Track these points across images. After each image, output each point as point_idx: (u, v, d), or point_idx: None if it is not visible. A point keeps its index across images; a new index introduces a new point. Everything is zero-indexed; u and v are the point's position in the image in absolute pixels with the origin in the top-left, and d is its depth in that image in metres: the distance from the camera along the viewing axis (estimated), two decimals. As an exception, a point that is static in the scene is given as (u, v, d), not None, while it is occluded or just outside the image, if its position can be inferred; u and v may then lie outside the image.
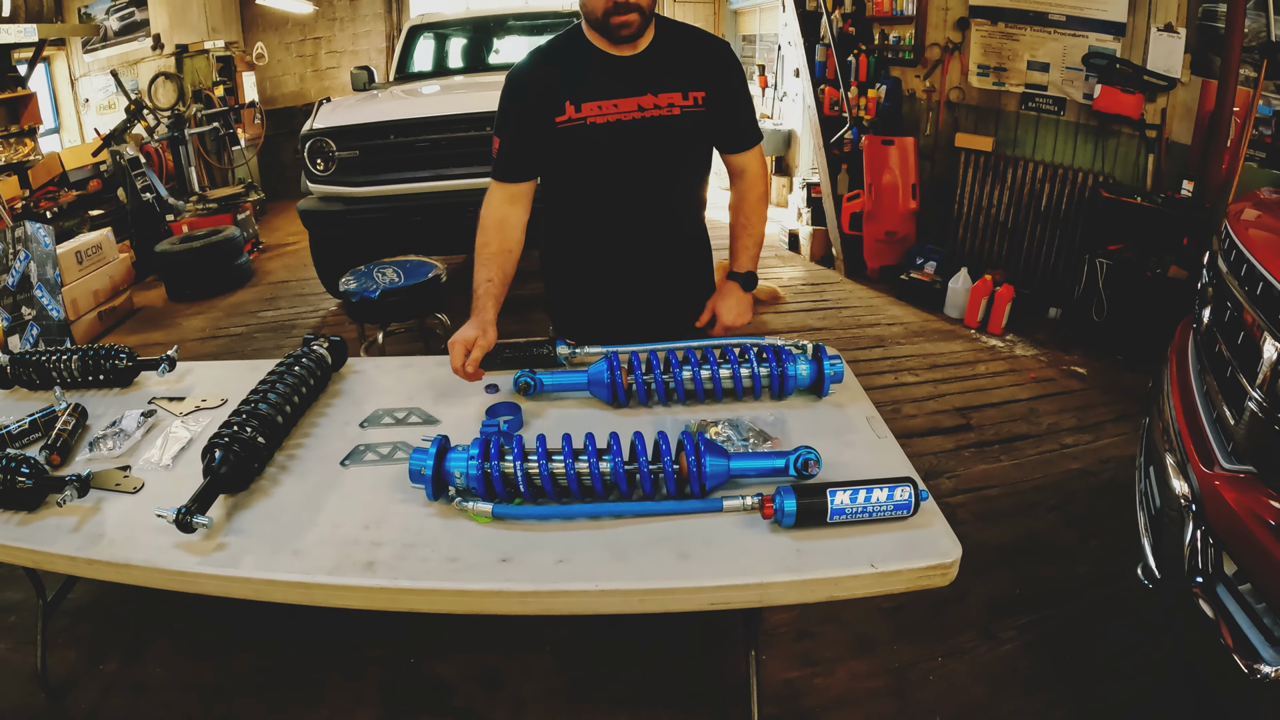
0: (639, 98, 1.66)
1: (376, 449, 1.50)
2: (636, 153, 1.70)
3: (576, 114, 1.65)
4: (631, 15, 1.56)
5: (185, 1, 7.73)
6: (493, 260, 1.70)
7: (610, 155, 1.70)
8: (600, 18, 1.57)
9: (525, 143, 1.70)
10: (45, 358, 1.86)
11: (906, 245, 5.23)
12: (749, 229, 1.89)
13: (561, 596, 1.13)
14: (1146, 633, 2.14)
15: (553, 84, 1.66)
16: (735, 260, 1.91)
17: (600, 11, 1.56)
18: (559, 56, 1.70)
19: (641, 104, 1.66)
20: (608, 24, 1.57)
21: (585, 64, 1.66)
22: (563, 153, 1.70)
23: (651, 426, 1.49)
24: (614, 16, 1.56)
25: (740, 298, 1.87)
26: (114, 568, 1.27)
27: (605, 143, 1.67)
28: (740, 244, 1.90)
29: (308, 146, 4.11)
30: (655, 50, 1.68)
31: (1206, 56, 3.83)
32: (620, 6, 1.54)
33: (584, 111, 1.64)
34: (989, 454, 3.10)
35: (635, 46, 1.66)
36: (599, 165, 1.72)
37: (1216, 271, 1.97)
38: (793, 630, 2.15)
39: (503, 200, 1.74)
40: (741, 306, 1.87)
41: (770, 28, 8.00)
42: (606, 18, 1.56)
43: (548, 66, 1.70)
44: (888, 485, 1.22)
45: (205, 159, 7.47)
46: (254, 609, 1.38)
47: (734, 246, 1.92)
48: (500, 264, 1.71)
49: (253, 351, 4.48)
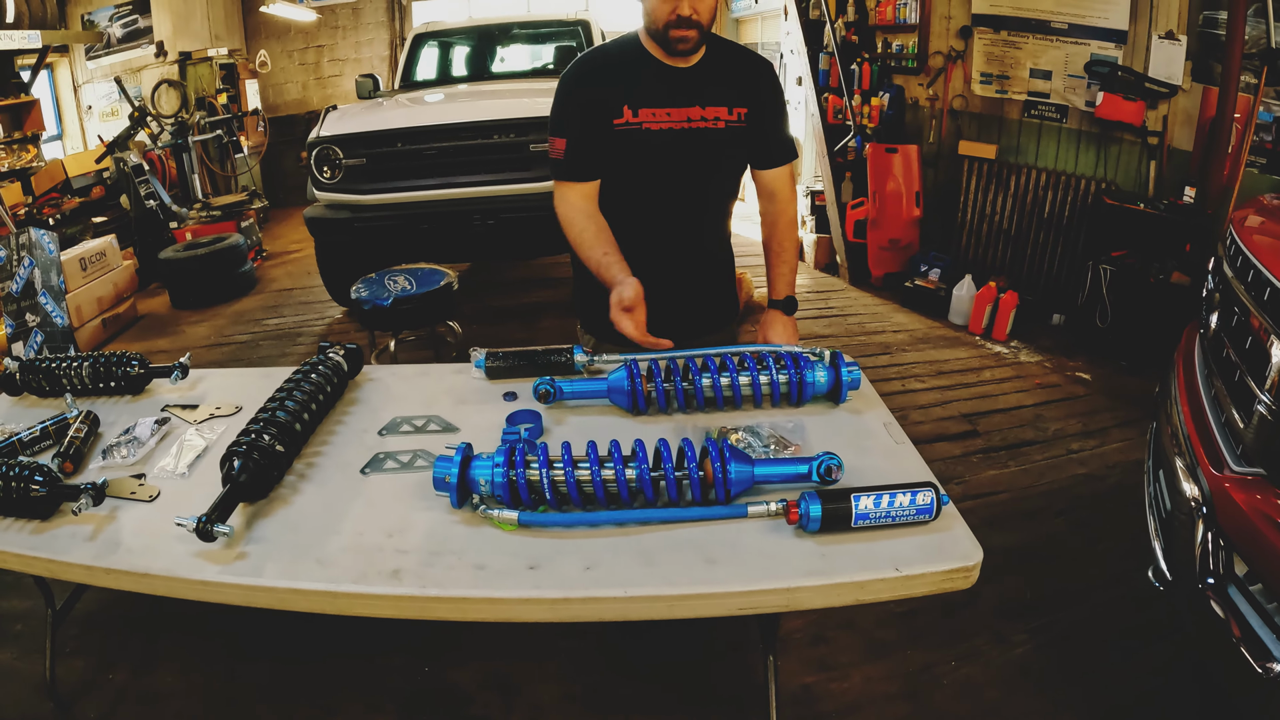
0: (689, 109, 1.72)
1: (397, 457, 1.50)
2: (682, 160, 1.75)
3: (634, 118, 1.70)
4: (691, 31, 1.62)
5: (189, 9, 7.75)
6: (601, 235, 1.74)
7: (659, 161, 1.75)
8: (661, 30, 1.63)
9: (589, 142, 1.74)
10: (55, 364, 1.84)
11: (910, 253, 5.25)
12: (783, 256, 1.94)
13: (592, 603, 1.13)
14: (1154, 634, 2.16)
15: (613, 88, 1.71)
16: (774, 288, 1.95)
17: (662, 24, 1.62)
18: (617, 62, 1.75)
19: (690, 115, 1.72)
20: (667, 36, 1.63)
21: (643, 71, 1.72)
22: (616, 155, 1.74)
23: (672, 433, 1.49)
24: (675, 30, 1.62)
25: (786, 323, 1.92)
26: (133, 577, 1.25)
27: (656, 148, 1.72)
28: (777, 271, 1.94)
29: (315, 154, 4.12)
30: (706, 65, 1.74)
31: (1207, 63, 3.86)
32: (683, 21, 1.60)
33: (640, 117, 1.70)
34: (996, 460, 3.11)
35: (689, 60, 1.72)
36: (647, 170, 1.76)
37: (1222, 277, 1.99)
38: (807, 636, 2.15)
39: (579, 198, 1.78)
40: (789, 332, 1.92)
41: (772, 36, 8.02)
42: (667, 30, 1.62)
43: (607, 70, 1.75)
44: (910, 490, 1.22)
45: (208, 166, 7.48)
46: (265, 618, 1.37)
47: (771, 275, 1.96)
48: (608, 239, 1.74)
49: (258, 359, 4.49)
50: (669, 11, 1.60)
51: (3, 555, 1.33)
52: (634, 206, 1.82)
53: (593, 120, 1.72)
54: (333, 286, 4.86)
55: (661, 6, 1.60)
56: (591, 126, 1.72)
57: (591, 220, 1.77)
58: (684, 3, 1.58)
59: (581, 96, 1.74)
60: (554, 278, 5.63)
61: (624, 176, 1.79)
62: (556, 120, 1.77)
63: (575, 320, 2.12)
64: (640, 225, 1.83)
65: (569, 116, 1.75)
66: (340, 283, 4.67)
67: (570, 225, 1.78)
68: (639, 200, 1.81)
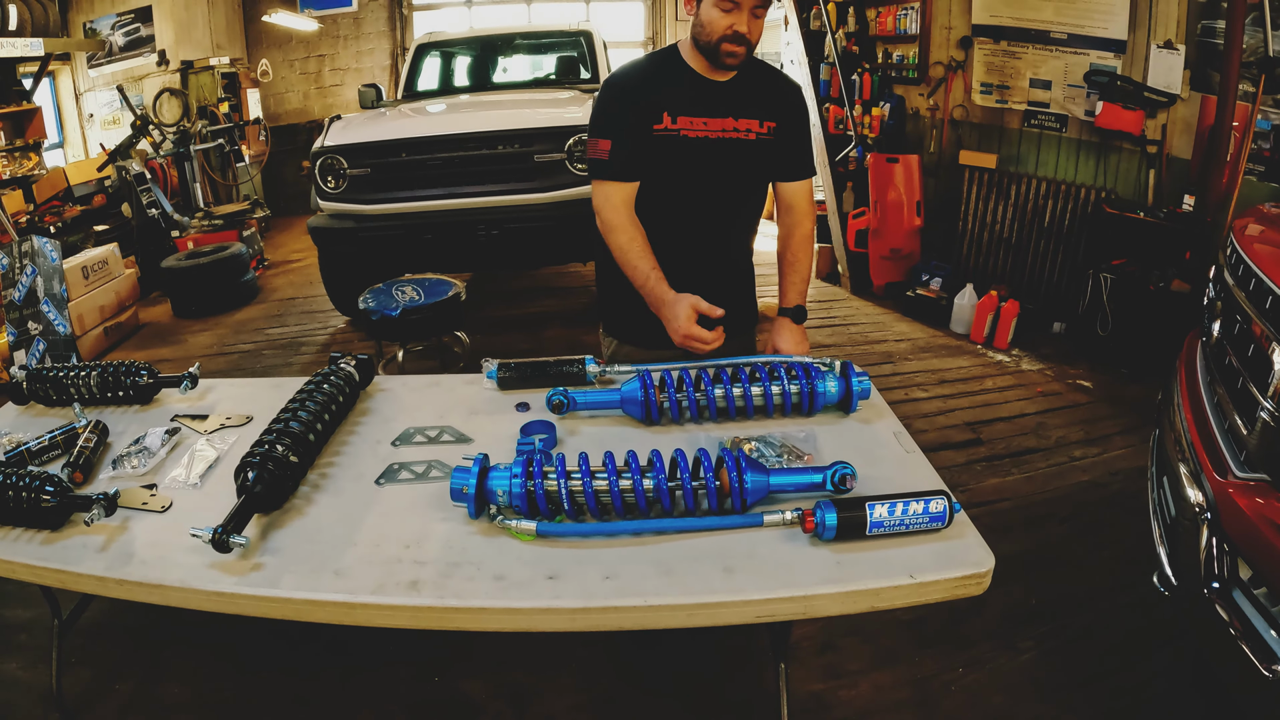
0: (724, 120, 1.80)
1: (411, 467, 1.50)
2: (716, 167, 1.83)
3: (673, 125, 1.77)
4: (741, 48, 1.69)
5: (190, 18, 7.77)
6: (645, 250, 1.81)
7: (694, 167, 1.82)
8: (715, 42, 1.69)
9: (633, 144, 1.80)
10: (63, 373, 1.83)
11: (912, 262, 5.27)
12: (796, 266, 1.98)
13: (612, 613, 1.14)
14: (1159, 640, 2.18)
15: (654, 95, 1.78)
16: (785, 296, 1.98)
17: (717, 37, 1.68)
18: (657, 72, 1.83)
19: (725, 125, 1.80)
20: (718, 49, 1.69)
21: (682, 81, 1.79)
22: (654, 159, 1.80)
23: (685, 443, 1.49)
24: (727, 44, 1.68)
25: (794, 330, 1.94)
26: (147, 588, 1.25)
27: (693, 154, 1.80)
28: (789, 280, 1.98)
29: (319, 164, 4.12)
30: (740, 80, 1.82)
31: (1206, 72, 3.88)
32: (737, 37, 1.67)
33: (679, 124, 1.77)
34: (999, 468, 3.12)
35: (727, 74, 1.80)
36: (682, 174, 1.83)
37: (1223, 285, 2.00)
38: (816, 644, 2.16)
39: (623, 200, 1.83)
40: (797, 338, 1.93)
41: (772, 46, 8.05)
42: (720, 43, 1.68)
43: (649, 79, 1.82)
44: (923, 498, 1.24)
45: (210, 175, 7.49)
46: (273, 628, 1.37)
47: (783, 283, 1.99)
48: (650, 251, 1.81)
49: (262, 369, 4.48)
50: (727, 26, 1.66)
51: (12, 565, 1.33)
52: (667, 210, 1.87)
53: (637, 124, 1.78)
54: (336, 296, 4.86)
55: (721, 20, 1.66)
56: (636, 130, 1.78)
57: (638, 231, 1.82)
58: (740, 21, 1.65)
59: (625, 101, 1.80)
60: (558, 287, 5.64)
61: (660, 180, 1.84)
62: (598, 123, 1.83)
63: (580, 330, 2.15)
64: (672, 228, 1.88)
65: (612, 119, 1.81)
66: (344, 292, 4.67)
67: (615, 231, 1.83)
68: (673, 204, 1.87)
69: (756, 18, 1.67)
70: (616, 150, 1.79)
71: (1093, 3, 4.31)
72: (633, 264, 1.80)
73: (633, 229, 1.81)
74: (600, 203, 1.84)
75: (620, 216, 1.82)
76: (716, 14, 1.65)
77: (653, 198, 1.85)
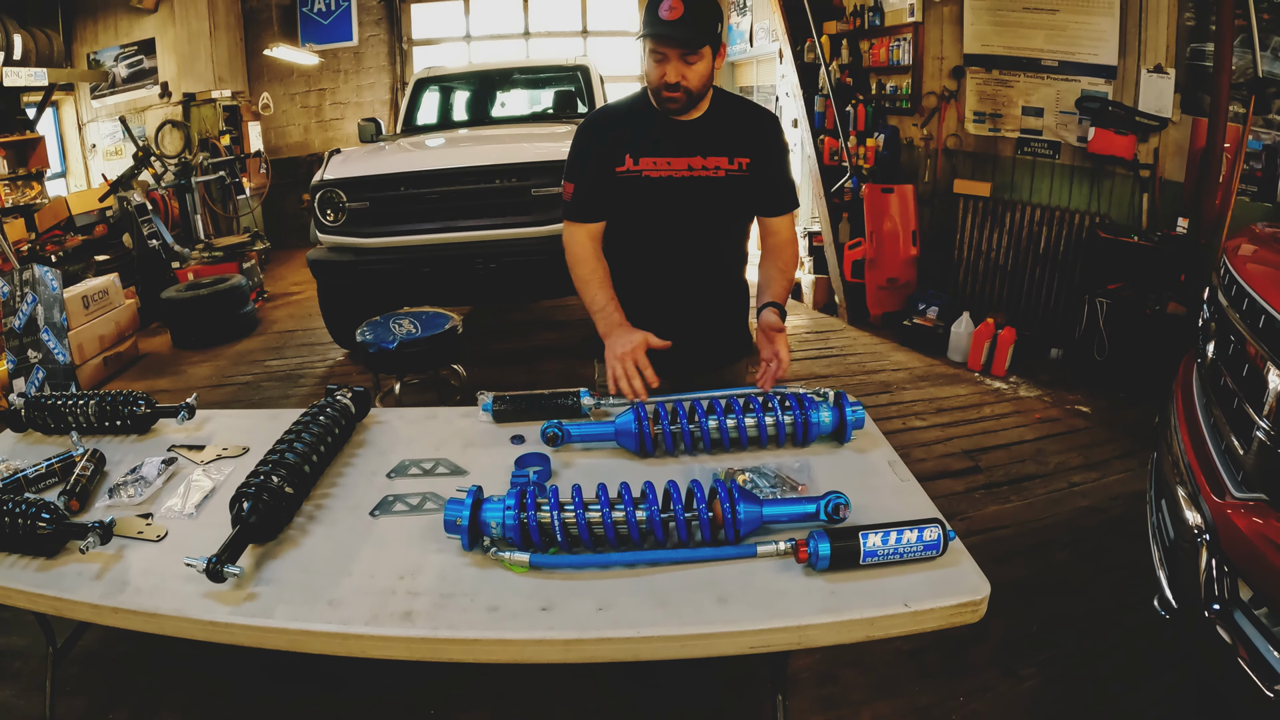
0: (689, 158, 1.84)
1: (406, 499, 1.51)
2: (684, 205, 1.87)
3: (634, 166, 1.84)
4: (678, 94, 1.76)
5: (193, 51, 7.87)
6: (605, 283, 1.88)
7: (660, 206, 1.87)
8: (656, 91, 1.78)
9: (596, 187, 1.88)
10: (61, 402, 1.85)
11: (908, 291, 5.29)
12: (778, 265, 1.97)
13: (605, 644, 1.14)
14: (1160, 663, 2.16)
15: (618, 138, 1.85)
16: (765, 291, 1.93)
17: (654, 86, 1.78)
18: (625, 114, 1.91)
19: (691, 164, 1.84)
20: (660, 97, 1.78)
21: (648, 124, 1.85)
22: (619, 199, 1.88)
23: (679, 475, 1.50)
24: (665, 92, 1.76)
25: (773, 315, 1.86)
26: (142, 617, 1.25)
27: (657, 194, 1.85)
28: (769, 276, 1.95)
29: (318, 197, 4.15)
30: (710, 118, 1.87)
31: (1196, 95, 3.93)
32: (670, 86, 1.75)
33: (640, 165, 1.84)
34: (999, 495, 3.12)
35: (690, 114, 1.85)
36: (648, 213, 1.89)
37: (1217, 306, 2.01)
38: (815, 674, 2.14)
39: (586, 237, 1.92)
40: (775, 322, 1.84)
41: (768, 79, 8.14)
42: (660, 91, 1.77)
43: (616, 122, 1.91)
44: (917, 526, 1.24)
45: (211, 207, 7.55)
46: (268, 659, 1.36)
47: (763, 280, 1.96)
48: (610, 286, 1.89)
49: (260, 400, 4.48)
50: (659, 76, 1.75)
51: (8, 592, 1.34)
52: (637, 246, 1.94)
53: (600, 167, 1.86)
54: (335, 329, 4.87)
55: (653, 71, 1.75)
56: (599, 172, 1.86)
57: (600, 265, 1.90)
58: (670, 71, 1.73)
59: (590, 145, 1.89)
60: (556, 320, 5.65)
61: (629, 220, 1.91)
62: (569, 165, 1.93)
63: (578, 363, 2.18)
64: (644, 263, 1.95)
65: (578, 163, 1.90)
66: (343, 325, 4.68)
67: (578, 264, 1.91)
68: (641, 240, 1.93)
69: (689, 64, 1.73)
70: (577, 191, 1.90)
71: (1083, 29, 4.37)
72: (591, 293, 1.88)
73: (594, 262, 1.90)
74: (567, 240, 1.93)
75: (584, 251, 1.90)
76: (651, 65, 1.75)
77: (627, 236, 1.93)
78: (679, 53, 1.70)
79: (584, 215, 1.91)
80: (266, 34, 8.28)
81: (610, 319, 1.82)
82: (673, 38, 1.68)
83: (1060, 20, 4.46)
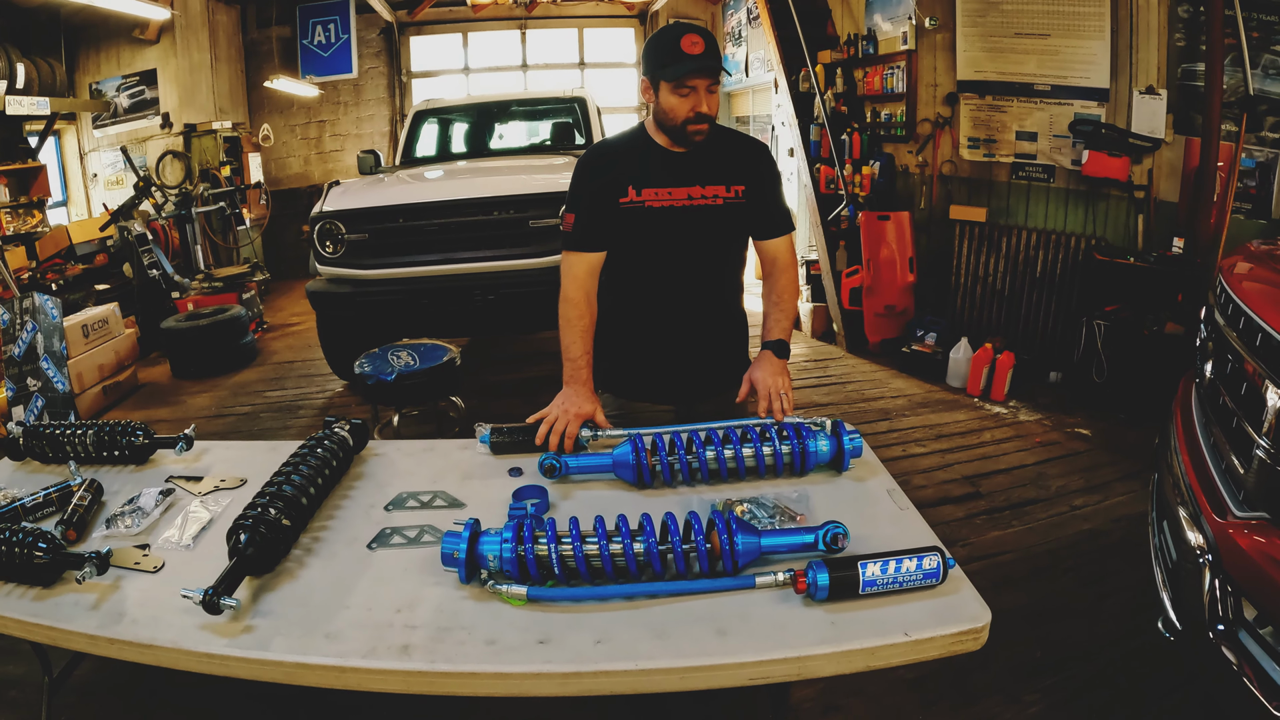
0: (689, 188, 1.90)
1: (403, 532, 1.50)
2: (684, 233, 1.92)
3: (637, 197, 1.89)
4: (704, 125, 1.83)
5: (194, 82, 7.95)
6: (587, 334, 1.93)
7: (662, 234, 1.92)
8: (680, 125, 1.83)
9: (598, 218, 1.92)
10: (60, 431, 1.85)
11: (906, 318, 5.31)
12: (780, 304, 2.03)
13: (604, 677, 1.13)
14: (1165, 686, 2.15)
15: (620, 170, 1.90)
16: (767, 331, 2.00)
17: (680, 120, 1.82)
18: (625, 148, 1.97)
19: (691, 193, 1.90)
20: (685, 130, 1.83)
21: (647, 157, 1.92)
22: (623, 229, 1.92)
23: (677, 506, 1.50)
24: (692, 125, 1.82)
25: (774, 362, 1.91)
26: (137, 648, 1.25)
27: (660, 223, 1.90)
28: (773, 318, 2.02)
29: (317, 229, 4.17)
30: (705, 149, 1.91)
31: (1188, 115, 3.97)
32: (699, 117, 1.81)
33: (643, 196, 1.89)
34: (1000, 520, 3.10)
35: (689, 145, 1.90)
36: (652, 242, 1.93)
37: (1214, 325, 2.02)
38: (818, 705, 2.11)
39: (585, 272, 1.94)
40: (777, 370, 1.89)
41: (763, 109, 8.22)
42: (685, 125, 1.82)
43: (616, 156, 1.96)
44: (916, 555, 1.24)
45: (211, 238, 7.59)
46: (264, 692, 1.35)
47: (766, 321, 2.03)
48: (591, 337, 1.93)
49: (259, 431, 4.47)
50: (689, 109, 1.80)
51: (4, 620, 1.33)
52: (640, 274, 1.98)
53: (603, 198, 1.90)
54: (334, 360, 4.87)
55: (681, 105, 1.80)
56: (601, 204, 1.90)
57: (589, 310, 1.94)
58: (701, 103, 1.79)
59: (592, 178, 1.93)
60: (554, 352, 5.56)
61: (632, 249, 1.94)
62: (570, 198, 1.96)
63: None
64: (647, 290, 1.99)
65: (580, 195, 1.94)
66: (342, 356, 4.69)
67: (568, 304, 1.93)
68: (648, 270, 1.98)
69: (712, 93, 1.80)
70: (579, 222, 1.93)
71: (1074, 53, 4.43)
72: (570, 338, 1.91)
73: (584, 307, 1.93)
74: (564, 272, 1.96)
75: (578, 291, 1.93)
76: (675, 100, 1.79)
77: (628, 265, 1.97)
78: (707, 84, 1.78)
79: (586, 245, 1.94)
80: (267, 66, 8.39)
81: (578, 374, 1.87)
82: (705, 69, 1.75)
83: (1052, 45, 4.53)
